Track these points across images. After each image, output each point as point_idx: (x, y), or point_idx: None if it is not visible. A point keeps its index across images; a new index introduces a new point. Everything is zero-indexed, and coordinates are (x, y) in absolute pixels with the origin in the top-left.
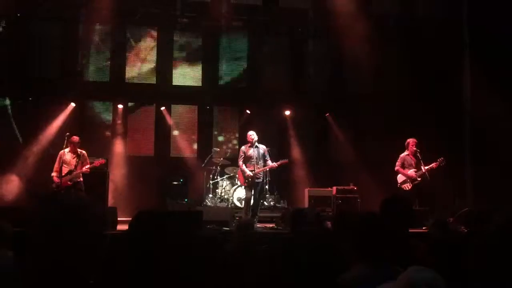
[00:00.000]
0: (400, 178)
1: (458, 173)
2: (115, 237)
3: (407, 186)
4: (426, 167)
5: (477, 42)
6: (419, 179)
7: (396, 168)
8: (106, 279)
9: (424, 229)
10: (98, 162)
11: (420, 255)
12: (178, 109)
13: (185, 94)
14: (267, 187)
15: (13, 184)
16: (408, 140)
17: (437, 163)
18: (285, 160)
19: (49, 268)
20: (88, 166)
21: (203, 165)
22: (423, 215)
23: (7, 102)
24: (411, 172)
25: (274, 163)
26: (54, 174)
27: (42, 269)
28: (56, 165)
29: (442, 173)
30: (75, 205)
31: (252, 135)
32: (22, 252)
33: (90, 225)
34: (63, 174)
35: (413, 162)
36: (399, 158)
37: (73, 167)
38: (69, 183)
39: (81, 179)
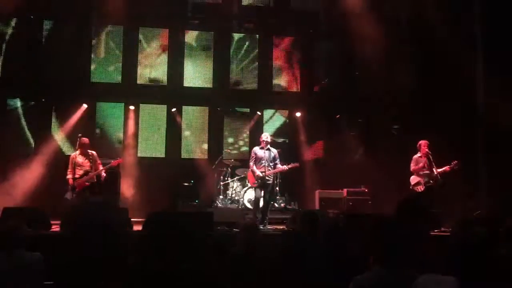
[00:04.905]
0: (413, 180)
1: (471, 175)
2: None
3: (420, 188)
4: (439, 170)
5: (491, 42)
6: (432, 181)
7: (412, 168)
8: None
9: (437, 231)
10: (116, 161)
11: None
12: (189, 110)
13: (196, 96)
14: (277, 188)
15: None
16: (420, 141)
17: (451, 166)
18: (296, 164)
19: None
20: (103, 168)
21: (213, 166)
22: (435, 217)
23: (19, 103)
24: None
25: (285, 166)
26: (69, 176)
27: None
28: (69, 168)
29: (455, 175)
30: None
31: (265, 137)
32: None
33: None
34: (77, 176)
35: (425, 164)
36: (412, 159)
37: (89, 167)
38: (86, 183)
39: (95, 180)
